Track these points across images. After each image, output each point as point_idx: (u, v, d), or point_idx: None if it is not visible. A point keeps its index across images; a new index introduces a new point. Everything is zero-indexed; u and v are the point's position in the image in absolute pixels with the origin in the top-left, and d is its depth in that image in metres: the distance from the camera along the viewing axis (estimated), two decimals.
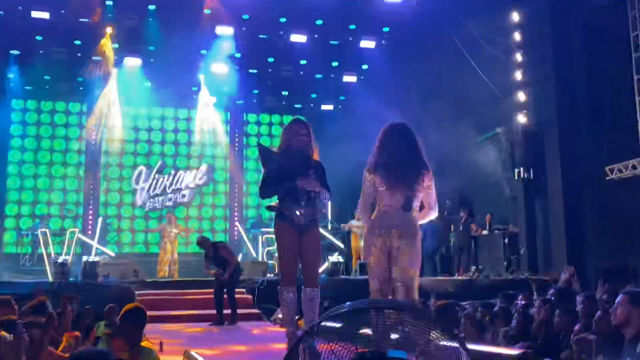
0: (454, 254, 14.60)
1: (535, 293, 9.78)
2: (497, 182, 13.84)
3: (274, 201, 5.26)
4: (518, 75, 13.49)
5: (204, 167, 18.35)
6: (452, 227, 14.67)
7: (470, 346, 5.49)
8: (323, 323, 1.99)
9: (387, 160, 4.44)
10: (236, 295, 10.15)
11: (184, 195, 18.11)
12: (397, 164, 4.41)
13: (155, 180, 17.89)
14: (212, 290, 10.07)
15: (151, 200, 17.78)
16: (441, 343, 1.97)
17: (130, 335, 4.50)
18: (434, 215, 4.60)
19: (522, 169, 13.23)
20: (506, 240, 13.55)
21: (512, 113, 13.48)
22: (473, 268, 13.78)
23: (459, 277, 13.45)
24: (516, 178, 13.34)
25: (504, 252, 13.50)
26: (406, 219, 4.38)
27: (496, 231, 13.85)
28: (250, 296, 11.21)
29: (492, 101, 13.66)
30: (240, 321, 9.59)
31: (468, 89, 13.73)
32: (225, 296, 9.92)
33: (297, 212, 4.91)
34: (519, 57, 13.51)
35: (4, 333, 4.37)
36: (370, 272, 4.49)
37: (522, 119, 13.33)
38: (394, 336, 2.09)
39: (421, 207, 4.57)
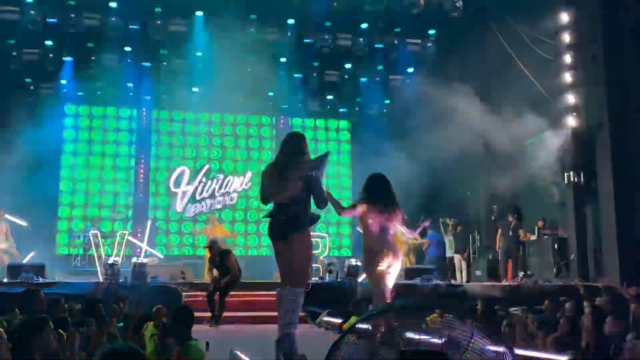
0: (501, 259, 14.37)
1: (585, 299, 9.53)
2: (545, 186, 13.57)
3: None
4: (567, 77, 13.21)
5: (249, 174, 18.41)
6: (500, 231, 14.44)
7: (519, 351, 5.42)
8: (361, 324, 2.00)
9: (372, 198, 6.17)
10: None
11: (232, 199, 18.28)
12: (379, 200, 6.15)
13: (202, 184, 18.07)
14: (258, 292, 10.22)
15: (196, 204, 17.96)
16: (486, 347, 1.96)
17: (179, 334, 4.61)
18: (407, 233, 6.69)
19: (572, 172, 12.94)
20: (556, 246, 13.26)
21: (562, 116, 13.21)
22: (521, 274, 13.53)
23: (507, 283, 13.23)
24: (566, 182, 13.06)
25: (554, 257, 13.22)
26: (388, 240, 6.14)
27: (545, 236, 13.57)
28: None
29: (541, 103, 13.41)
30: None
31: (516, 91, 13.52)
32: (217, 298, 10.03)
33: None
34: (568, 58, 13.24)
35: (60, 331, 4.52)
36: (374, 282, 6.14)
37: (572, 121, 13.05)
38: (440, 340, 2.10)
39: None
